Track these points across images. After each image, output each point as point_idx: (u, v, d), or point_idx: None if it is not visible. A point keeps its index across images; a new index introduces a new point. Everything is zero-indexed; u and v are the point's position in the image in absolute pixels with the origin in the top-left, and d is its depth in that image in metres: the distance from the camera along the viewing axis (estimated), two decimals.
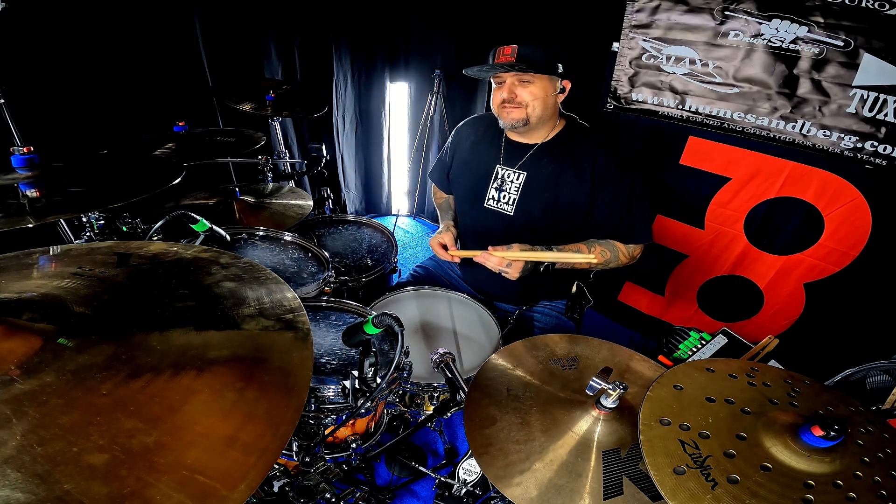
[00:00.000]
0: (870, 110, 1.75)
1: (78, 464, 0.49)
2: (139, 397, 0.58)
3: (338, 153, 3.36)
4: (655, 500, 0.80)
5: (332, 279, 1.64)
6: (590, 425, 0.91)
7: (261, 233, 1.81)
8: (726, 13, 1.92)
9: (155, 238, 1.34)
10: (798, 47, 1.81)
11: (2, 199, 1.13)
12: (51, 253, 0.89)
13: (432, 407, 1.34)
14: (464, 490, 1.23)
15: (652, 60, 2.16)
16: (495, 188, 1.64)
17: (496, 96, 1.53)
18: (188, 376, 0.62)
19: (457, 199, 1.83)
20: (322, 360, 1.23)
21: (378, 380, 1.06)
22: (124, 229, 1.70)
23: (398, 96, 3.53)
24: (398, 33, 3.25)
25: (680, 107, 2.17)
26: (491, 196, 1.65)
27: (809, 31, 1.77)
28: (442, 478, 1.33)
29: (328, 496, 0.98)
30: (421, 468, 1.59)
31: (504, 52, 1.44)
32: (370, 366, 1.03)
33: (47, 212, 1.10)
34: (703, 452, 0.70)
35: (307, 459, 1.03)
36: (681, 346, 1.93)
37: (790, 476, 0.67)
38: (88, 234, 1.62)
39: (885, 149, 1.76)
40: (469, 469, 1.19)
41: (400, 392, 1.31)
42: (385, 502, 1.55)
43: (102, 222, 1.65)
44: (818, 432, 0.67)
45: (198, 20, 2.36)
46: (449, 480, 1.30)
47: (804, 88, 1.85)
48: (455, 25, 3.01)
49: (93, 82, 2.04)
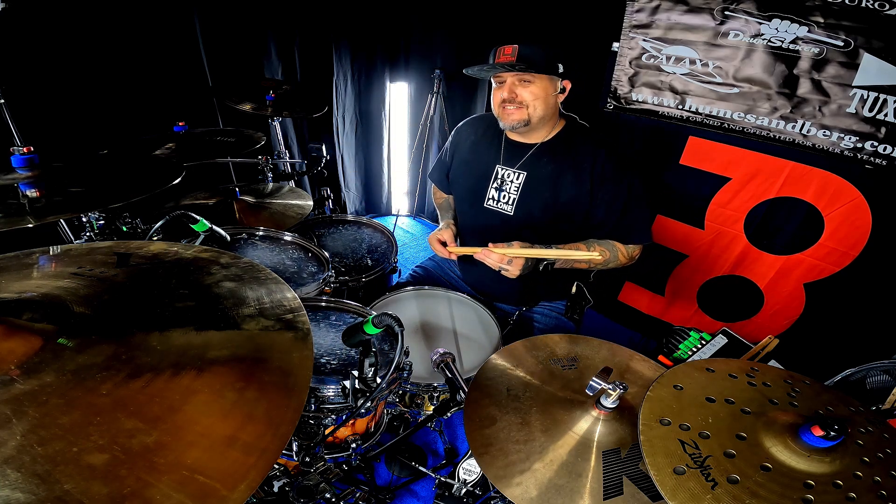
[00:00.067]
0: (870, 110, 1.75)
1: (78, 464, 0.49)
2: (139, 397, 0.58)
3: (338, 153, 3.36)
4: (655, 500, 0.80)
5: (332, 279, 1.64)
6: (590, 425, 0.91)
7: (261, 233, 1.81)
8: (726, 13, 1.92)
9: (155, 238, 1.34)
10: (798, 47, 1.81)
11: (2, 199, 1.13)
12: (51, 253, 0.89)
13: (432, 407, 1.34)
14: (464, 490, 1.23)
15: (652, 60, 2.16)
16: (495, 188, 1.64)
17: (496, 96, 1.52)
18: (188, 376, 0.62)
19: (456, 199, 1.83)
20: (322, 360, 1.23)
21: (378, 380, 1.06)
22: (124, 229, 1.70)
23: (398, 96, 3.53)
24: (398, 33, 3.25)
25: (680, 107, 2.17)
26: (491, 196, 1.65)
27: (809, 31, 1.77)
28: (442, 478, 1.33)
29: (328, 496, 0.98)
30: (421, 468, 1.59)
31: (504, 52, 1.44)
32: (370, 366, 1.03)
33: (47, 212, 1.10)
34: (703, 452, 0.70)
35: (307, 459, 1.03)
36: (681, 346, 1.93)
37: (790, 476, 0.67)
38: (88, 234, 1.62)
39: (885, 149, 1.76)
40: (469, 469, 1.19)
41: (400, 392, 1.31)
42: (385, 502, 1.55)
43: (102, 222, 1.65)
44: (818, 432, 0.67)
45: (198, 20, 2.36)
46: (449, 480, 1.30)
47: (804, 88, 1.85)
48: (455, 25, 3.01)
49: (93, 82, 2.04)
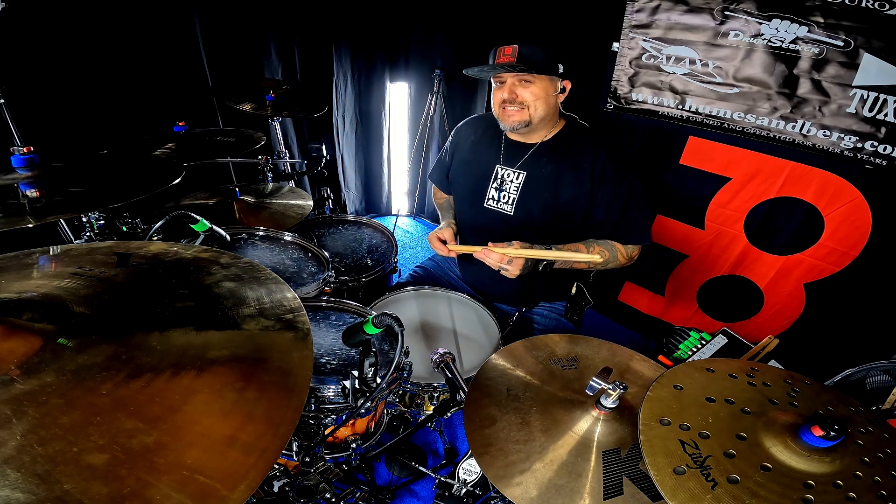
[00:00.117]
0: (870, 110, 1.75)
1: (78, 464, 0.49)
2: (139, 397, 0.58)
3: (338, 153, 3.36)
4: (655, 500, 0.80)
5: (332, 279, 1.64)
6: (590, 425, 0.91)
7: (261, 233, 1.81)
8: (726, 13, 1.92)
9: (155, 238, 1.34)
10: (798, 47, 1.81)
11: (2, 199, 1.13)
12: (51, 253, 0.89)
13: (432, 407, 1.34)
14: (464, 490, 1.23)
15: (652, 60, 2.16)
16: (495, 188, 1.64)
17: (496, 96, 1.52)
18: (188, 376, 0.62)
19: (456, 199, 1.82)
20: (322, 360, 1.23)
21: (378, 380, 1.06)
22: (124, 229, 1.70)
23: (398, 96, 3.53)
24: (398, 33, 3.25)
25: (680, 107, 2.17)
26: (491, 196, 1.65)
27: (809, 31, 1.77)
28: (442, 478, 1.33)
29: (328, 496, 0.98)
30: (421, 468, 1.59)
31: (505, 52, 1.44)
32: (370, 366, 1.03)
33: (47, 212, 1.10)
34: (703, 452, 0.70)
35: (307, 459, 1.03)
36: (681, 346, 1.93)
37: (790, 476, 0.67)
38: (88, 234, 1.62)
39: (885, 149, 1.76)
40: (469, 469, 1.19)
41: (400, 392, 1.31)
42: (385, 502, 1.55)
43: (102, 222, 1.65)
44: (818, 432, 0.67)
45: (198, 20, 2.36)
46: (449, 480, 1.30)
47: (804, 88, 1.85)
48: (455, 25, 3.01)
49: (93, 82, 2.04)
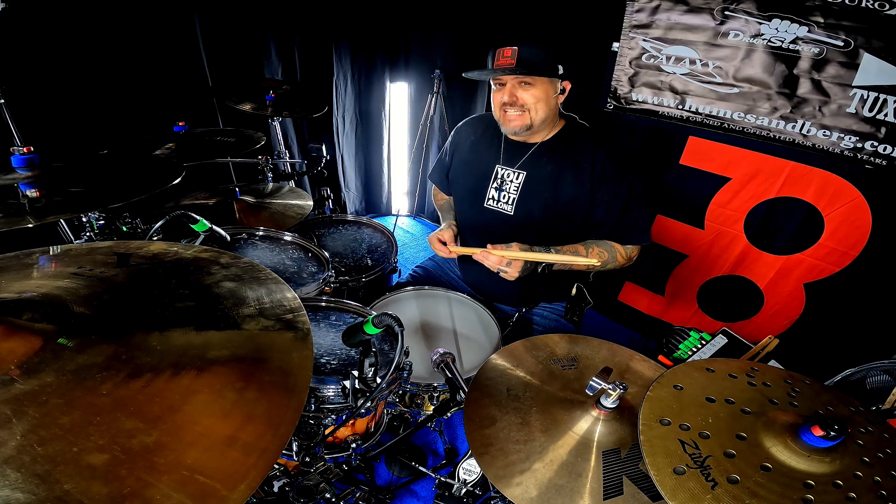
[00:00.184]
0: (870, 110, 1.75)
1: (78, 464, 0.49)
2: (139, 397, 0.58)
3: (338, 153, 3.36)
4: (655, 500, 0.80)
5: (332, 279, 1.64)
6: (590, 425, 0.91)
7: (261, 233, 1.81)
8: (726, 13, 1.92)
9: (155, 238, 1.34)
10: (798, 47, 1.81)
11: (2, 199, 1.13)
12: (51, 253, 0.89)
13: (432, 407, 1.34)
14: (464, 490, 1.23)
15: (652, 60, 2.16)
16: (495, 188, 1.64)
17: (496, 98, 1.52)
18: (188, 376, 0.62)
19: (456, 200, 1.82)
20: (322, 360, 1.23)
21: (378, 380, 1.06)
22: (124, 229, 1.70)
23: (398, 96, 3.53)
24: (398, 33, 3.25)
25: (680, 107, 2.17)
26: (491, 196, 1.65)
27: (809, 31, 1.77)
28: (442, 478, 1.33)
29: (328, 496, 0.98)
30: (421, 468, 1.59)
31: (504, 55, 1.43)
32: (370, 366, 1.03)
33: (47, 212, 1.10)
34: (703, 452, 0.70)
35: (307, 459, 1.03)
36: (681, 346, 1.93)
37: (790, 476, 0.67)
38: (88, 234, 1.62)
39: (885, 149, 1.76)
40: (469, 469, 1.19)
41: (400, 392, 1.31)
42: (385, 502, 1.55)
43: (102, 222, 1.65)
44: (818, 432, 0.67)
45: (198, 20, 2.36)
46: (449, 480, 1.30)
47: (804, 88, 1.85)
48: (455, 25, 3.01)
49: (93, 82, 2.04)
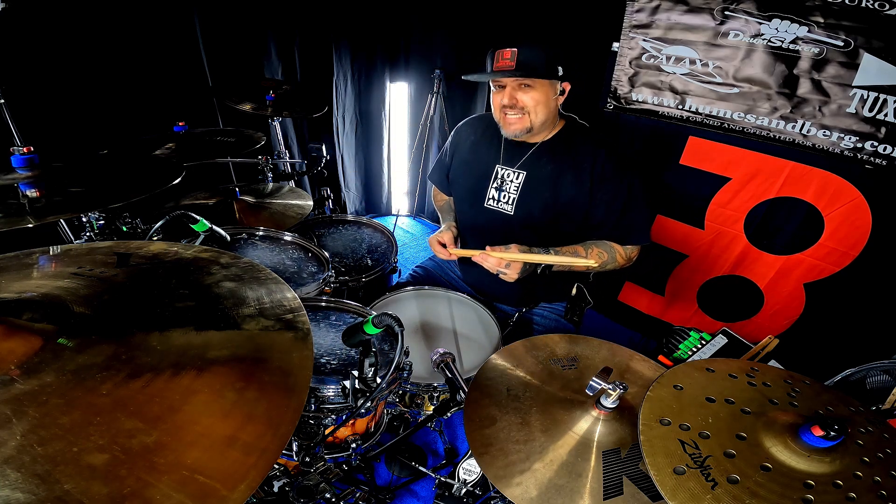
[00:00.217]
0: (870, 110, 1.75)
1: (78, 464, 0.49)
2: (139, 397, 0.58)
3: (338, 153, 3.36)
4: (655, 500, 0.80)
5: (332, 279, 1.64)
6: (590, 425, 0.91)
7: (261, 233, 1.81)
8: (726, 13, 1.92)
9: (155, 238, 1.34)
10: (798, 47, 1.81)
11: (2, 199, 1.13)
12: (51, 253, 0.89)
13: (432, 407, 1.34)
14: (464, 490, 1.23)
15: (652, 60, 2.16)
16: (495, 188, 1.64)
17: (496, 100, 1.51)
18: (188, 376, 0.62)
19: (456, 200, 1.82)
20: (322, 360, 1.23)
21: (378, 380, 1.06)
22: (124, 229, 1.70)
23: (398, 96, 3.53)
24: (398, 33, 3.25)
25: (680, 107, 2.17)
26: (491, 196, 1.65)
27: (809, 31, 1.77)
28: (442, 478, 1.33)
29: (328, 496, 0.98)
30: (421, 468, 1.59)
31: (504, 56, 1.42)
32: (370, 366, 1.03)
33: (47, 212, 1.10)
34: (703, 452, 0.70)
35: (307, 459, 1.03)
36: (681, 346, 1.93)
37: (790, 476, 0.67)
38: (88, 234, 1.62)
39: (885, 149, 1.76)
40: (469, 469, 1.19)
41: (400, 392, 1.31)
42: (385, 502, 1.55)
43: (102, 222, 1.65)
44: (818, 432, 0.67)
45: (198, 20, 2.36)
46: (449, 480, 1.30)
47: (804, 88, 1.85)
48: (455, 25, 3.01)
49: (93, 82, 2.04)
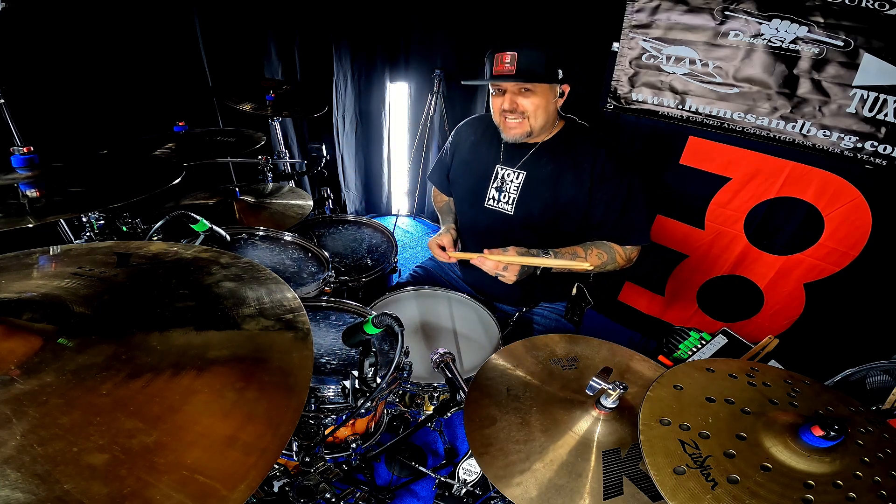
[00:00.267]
0: (870, 110, 1.75)
1: (78, 464, 0.49)
2: (139, 397, 0.58)
3: (338, 153, 3.36)
4: (655, 500, 0.80)
5: (332, 279, 1.64)
6: (590, 425, 0.91)
7: (261, 233, 1.81)
8: (726, 13, 1.92)
9: (155, 238, 1.34)
10: (798, 47, 1.81)
11: (2, 199, 1.13)
12: (51, 253, 0.89)
13: (432, 407, 1.34)
14: (464, 490, 1.23)
15: (652, 60, 2.16)
16: (495, 188, 1.64)
17: (496, 104, 1.51)
18: (188, 376, 0.62)
19: (457, 200, 1.82)
20: (322, 360, 1.23)
21: (378, 380, 1.06)
22: (124, 229, 1.70)
23: (398, 96, 3.53)
24: (398, 33, 3.25)
25: (680, 107, 2.17)
26: (491, 196, 1.65)
27: (809, 31, 1.77)
28: (442, 478, 1.33)
29: (328, 496, 0.98)
30: (421, 468, 1.59)
31: (503, 60, 1.40)
32: (370, 366, 1.03)
33: (47, 212, 1.10)
34: (703, 452, 0.70)
35: (307, 459, 1.03)
36: (681, 346, 1.93)
37: (790, 476, 0.67)
38: (88, 234, 1.62)
39: (885, 149, 1.76)
40: (469, 469, 1.19)
41: (400, 392, 1.31)
42: (385, 502, 1.55)
43: (102, 222, 1.64)
44: (818, 432, 0.67)
45: (198, 20, 2.36)
46: (449, 480, 1.30)
47: (804, 88, 1.85)
48: (455, 26, 3.01)
49: (93, 82, 2.04)
